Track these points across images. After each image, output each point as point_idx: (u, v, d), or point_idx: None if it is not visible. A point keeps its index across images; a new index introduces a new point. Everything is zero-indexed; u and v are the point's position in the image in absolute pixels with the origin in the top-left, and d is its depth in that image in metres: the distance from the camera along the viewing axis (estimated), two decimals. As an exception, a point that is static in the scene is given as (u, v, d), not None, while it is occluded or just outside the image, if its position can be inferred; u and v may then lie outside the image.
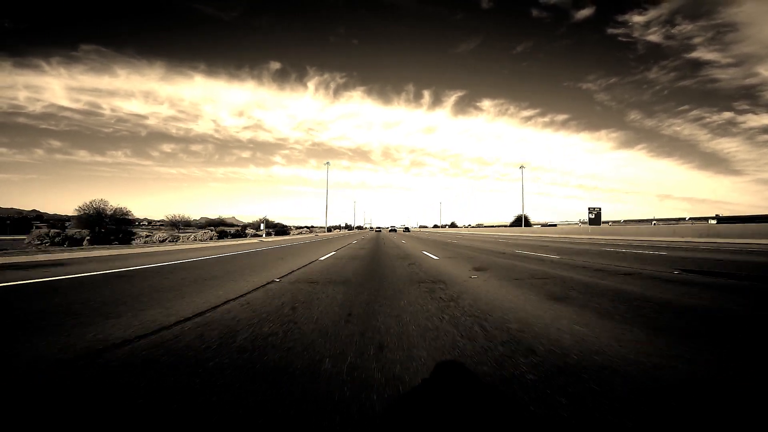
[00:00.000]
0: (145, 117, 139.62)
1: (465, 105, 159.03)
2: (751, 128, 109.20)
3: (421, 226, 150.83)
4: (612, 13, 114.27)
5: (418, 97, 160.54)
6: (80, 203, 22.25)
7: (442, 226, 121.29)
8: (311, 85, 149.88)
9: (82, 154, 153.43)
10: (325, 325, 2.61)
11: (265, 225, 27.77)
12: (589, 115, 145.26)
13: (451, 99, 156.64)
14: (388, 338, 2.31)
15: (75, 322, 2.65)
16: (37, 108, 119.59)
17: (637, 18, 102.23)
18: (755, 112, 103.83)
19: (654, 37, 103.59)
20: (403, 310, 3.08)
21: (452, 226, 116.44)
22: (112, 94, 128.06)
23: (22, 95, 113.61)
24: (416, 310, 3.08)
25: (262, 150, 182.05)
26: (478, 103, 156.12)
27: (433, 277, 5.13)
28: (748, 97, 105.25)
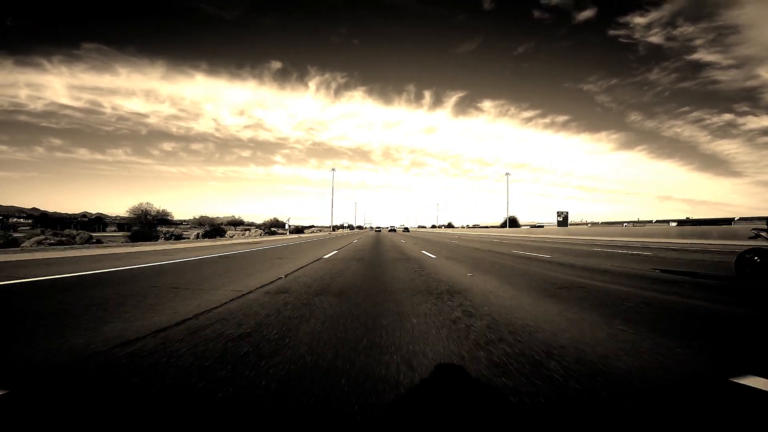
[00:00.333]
0: (145, 115, 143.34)
1: (466, 105, 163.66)
2: (751, 130, 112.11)
3: (419, 226, 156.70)
4: (613, 14, 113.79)
5: (418, 98, 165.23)
6: (129, 205, 27.14)
7: (439, 227, 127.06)
8: (312, 84, 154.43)
9: (83, 152, 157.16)
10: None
11: (289, 225, 33.45)
12: (590, 117, 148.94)
13: (452, 99, 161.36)
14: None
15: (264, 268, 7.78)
16: (38, 106, 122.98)
17: (639, 19, 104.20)
18: (755, 114, 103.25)
19: (655, 38, 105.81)
20: (390, 266, 8.19)
21: (449, 227, 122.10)
22: (113, 92, 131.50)
23: (23, 93, 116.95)
24: (389, 249, 8.19)
25: (263, 149, 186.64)
26: (479, 104, 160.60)
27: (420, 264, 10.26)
28: (749, 99, 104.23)
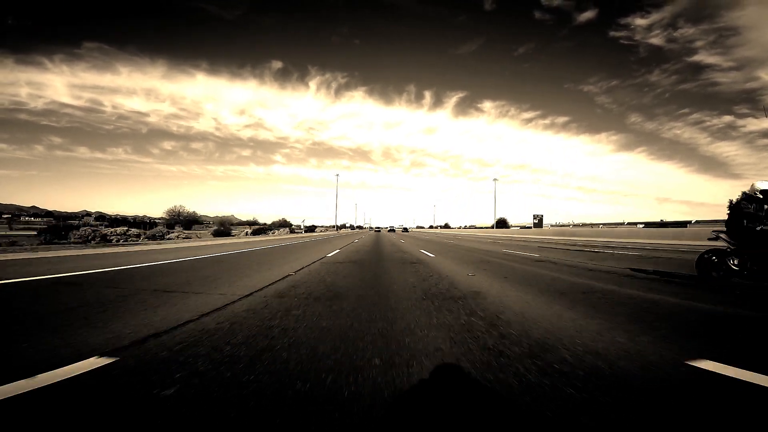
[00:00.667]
0: (146, 114, 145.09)
1: (466, 106, 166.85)
2: (751, 132, 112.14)
3: (418, 227, 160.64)
4: (614, 15, 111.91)
5: (419, 98, 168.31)
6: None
7: (436, 227, 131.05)
8: (313, 84, 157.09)
9: (83, 151, 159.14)
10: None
11: (304, 225, 37.45)
12: (590, 118, 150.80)
13: (452, 100, 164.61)
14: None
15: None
16: (39, 104, 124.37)
17: (640, 21, 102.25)
18: (755, 116, 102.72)
19: (656, 40, 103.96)
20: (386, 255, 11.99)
21: (445, 227, 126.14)
22: (114, 91, 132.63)
23: (24, 92, 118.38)
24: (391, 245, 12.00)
25: (263, 148, 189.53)
26: (479, 105, 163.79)
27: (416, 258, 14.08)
28: (749, 101, 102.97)
